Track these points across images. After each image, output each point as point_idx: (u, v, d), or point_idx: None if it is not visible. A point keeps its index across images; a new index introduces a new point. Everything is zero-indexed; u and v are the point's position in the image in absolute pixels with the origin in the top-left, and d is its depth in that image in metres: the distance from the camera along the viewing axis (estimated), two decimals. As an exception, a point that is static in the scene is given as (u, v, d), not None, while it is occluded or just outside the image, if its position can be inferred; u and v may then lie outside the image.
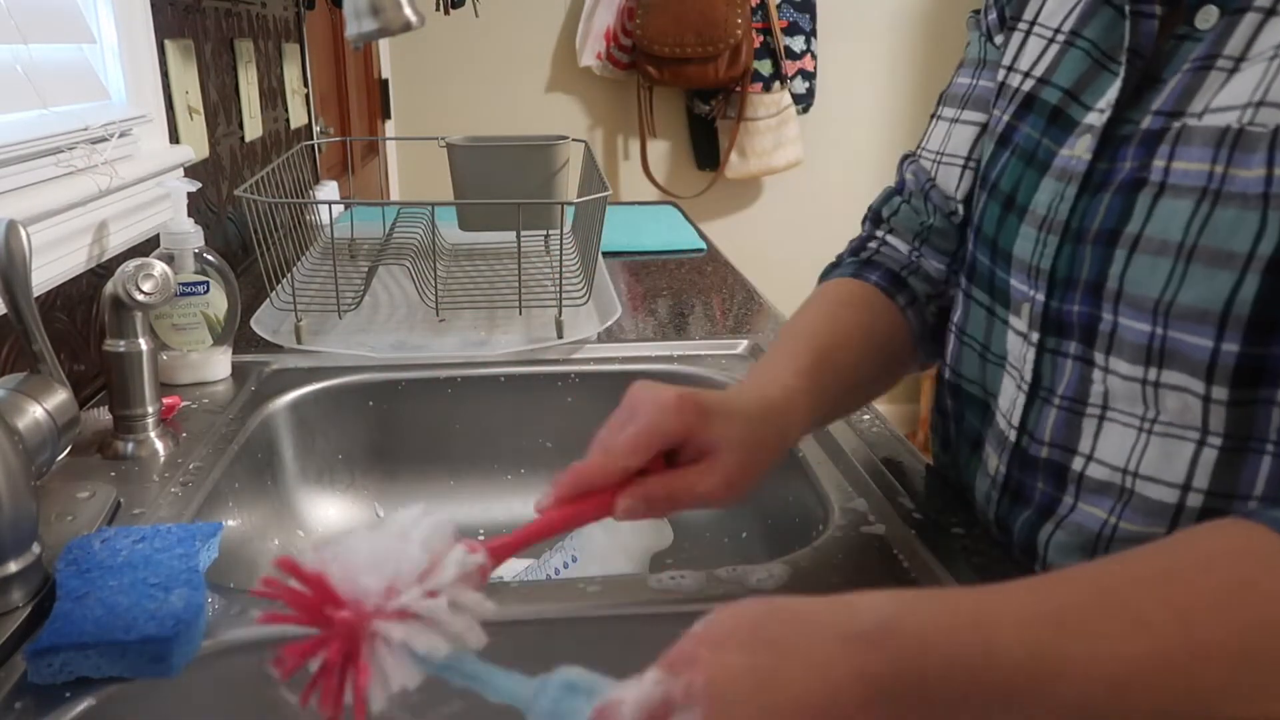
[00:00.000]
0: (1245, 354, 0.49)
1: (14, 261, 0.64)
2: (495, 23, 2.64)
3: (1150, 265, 0.52)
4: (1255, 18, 0.51)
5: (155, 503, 0.73)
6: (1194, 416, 0.52)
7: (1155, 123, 0.54)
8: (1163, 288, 0.52)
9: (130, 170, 0.98)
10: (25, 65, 0.84)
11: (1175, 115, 0.53)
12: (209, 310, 0.95)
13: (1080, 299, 0.57)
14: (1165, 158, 0.53)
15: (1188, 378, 0.51)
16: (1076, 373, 0.58)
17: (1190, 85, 0.53)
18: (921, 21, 2.88)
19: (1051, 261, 0.59)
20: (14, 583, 0.57)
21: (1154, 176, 0.53)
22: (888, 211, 0.80)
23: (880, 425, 0.89)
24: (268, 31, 1.62)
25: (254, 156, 1.51)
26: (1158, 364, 0.53)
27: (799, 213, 2.98)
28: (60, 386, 0.69)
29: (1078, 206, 0.57)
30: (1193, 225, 0.50)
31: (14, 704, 0.51)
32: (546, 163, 1.26)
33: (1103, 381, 0.56)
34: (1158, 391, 0.53)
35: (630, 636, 0.62)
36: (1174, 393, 0.52)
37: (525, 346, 1.07)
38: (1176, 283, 0.51)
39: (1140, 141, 0.54)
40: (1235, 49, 0.52)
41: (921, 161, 0.79)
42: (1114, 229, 0.55)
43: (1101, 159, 0.57)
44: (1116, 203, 0.55)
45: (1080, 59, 0.62)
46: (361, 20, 0.86)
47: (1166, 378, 0.52)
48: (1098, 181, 0.57)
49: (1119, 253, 0.54)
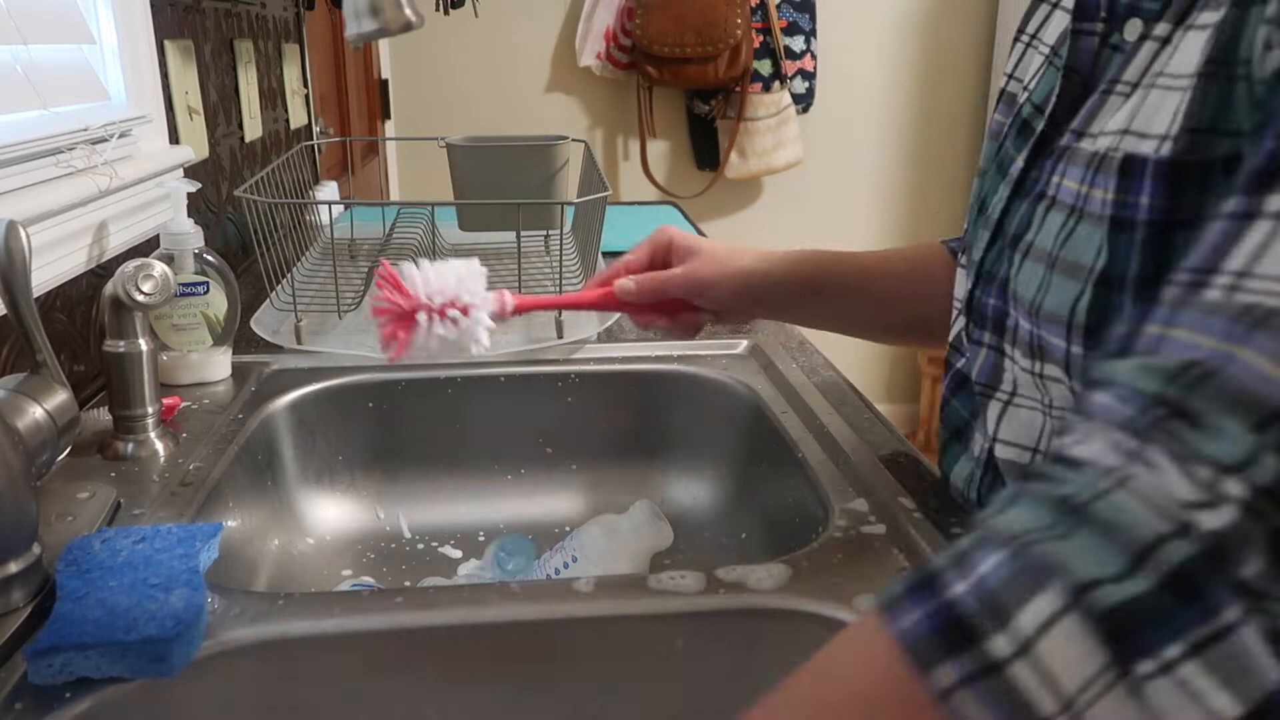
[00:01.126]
0: (1087, 355, 0.54)
1: (14, 262, 0.64)
2: (495, 23, 2.64)
3: (1032, 270, 0.58)
4: (1153, 46, 0.54)
5: (155, 503, 0.73)
6: (1071, 402, 0.57)
7: (1068, 140, 0.58)
8: (1036, 291, 0.57)
9: (130, 170, 0.98)
10: (25, 65, 0.84)
11: (1080, 135, 0.57)
12: (209, 310, 0.95)
13: (995, 294, 0.63)
14: (1060, 174, 0.58)
15: (1059, 371, 0.57)
16: (990, 361, 0.64)
17: (1096, 106, 0.57)
18: (921, 22, 2.88)
19: (981, 254, 0.65)
20: (14, 583, 0.57)
21: (1050, 190, 0.58)
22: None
23: (880, 425, 0.89)
24: (268, 32, 1.62)
25: (254, 157, 1.51)
26: (1040, 358, 0.58)
27: (799, 213, 2.98)
28: (60, 387, 0.69)
29: (1009, 209, 0.63)
30: (1059, 237, 0.56)
31: (14, 704, 0.51)
32: (546, 163, 1.26)
33: (1011, 370, 0.62)
34: (1044, 382, 0.59)
35: (630, 637, 0.62)
36: (1054, 384, 0.58)
37: (525, 346, 1.07)
38: (1044, 289, 0.57)
39: (1056, 156, 0.59)
40: (1133, 75, 0.54)
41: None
42: (1019, 234, 0.60)
43: (1032, 168, 0.62)
44: (1026, 211, 0.60)
45: (1053, 76, 0.64)
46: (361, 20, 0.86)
47: (1047, 370, 0.58)
48: (1026, 189, 0.62)
49: (1018, 256, 0.60)
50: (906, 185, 3.02)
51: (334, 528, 0.96)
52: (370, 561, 0.92)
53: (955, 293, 0.75)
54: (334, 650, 0.59)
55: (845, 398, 0.95)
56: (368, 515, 0.98)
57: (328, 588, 0.88)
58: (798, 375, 1.00)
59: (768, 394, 0.96)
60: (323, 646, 0.59)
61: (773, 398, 0.95)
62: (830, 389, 0.97)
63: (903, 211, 3.04)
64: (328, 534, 0.95)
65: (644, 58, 2.67)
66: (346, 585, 0.89)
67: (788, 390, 0.96)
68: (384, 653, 0.60)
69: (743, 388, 0.99)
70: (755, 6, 2.70)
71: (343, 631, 0.59)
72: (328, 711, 0.60)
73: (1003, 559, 0.36)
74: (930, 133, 2.96)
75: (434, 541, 0.95)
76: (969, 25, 2.88)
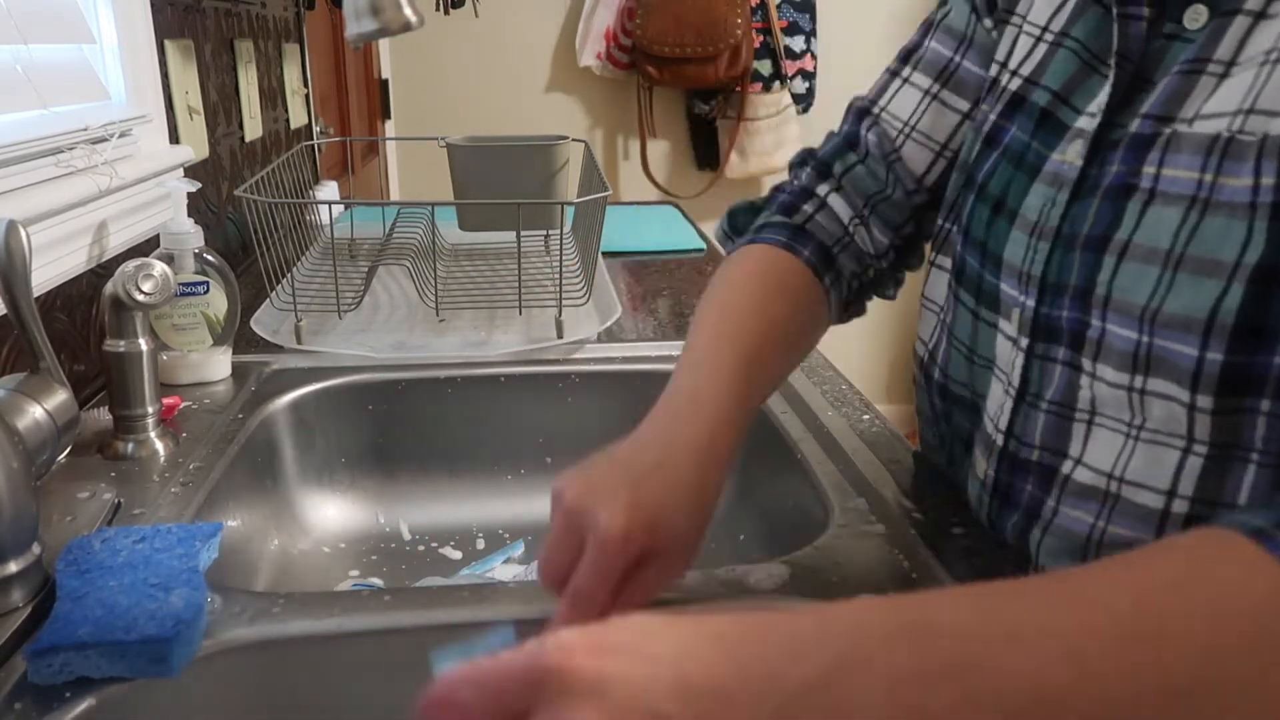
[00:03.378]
0: (1229, 363, 0.49)
1: (14, 261, 0.64)
2: (495, 23, 2.64)
3: (1138, 272, 0.52)
4: (1245, 21, 0.51)
5: (155, 503, 0.73)
6: (1179, 424, 0.52)
7: (1144, 126, 0.54)
8: (1150, 295, 0.51)
9: (130, 170, 0.98)
10: (25, 65, 0.84)
11: (1165, 120, 0.53)
12: (209, 310, 0.95)
13: (1069, 304, 0.56)
14: (1155, 164, 0.52)
15: (1173, 385, 0.51)
16: (1065, 378, 0.58)
17: (1180, 89, 0.53)
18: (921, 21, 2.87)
19: (1043, 267, 0.58)
20: (14, 583, 0.57)
21: (1144, 183, 0.53)
22: (840, 167, 0.77)
23: (880, 425, 0.89)
24: (268, 32, 1.62)
25: (254, 156, 1.51)
26: (1144, 371, 0.52)
27: (799, 213, 2.98)
28: (60, 386, 0.69)
29: (1069, 213, 0.57)
30: (1181, 233, 0.50)
31: (14, 704, 0.51)
32: (546, 163, 1.26)
33: (1090, 387, 0.56)
34: (1144, 399, 0.53)
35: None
36: (1159, 400, 0.52)
37: (525, 346, 1.07)
38: (1164, 290, 0.51)
39: (1129, 146, 0.54)
40: (1225, 53, 0.51)
41: (884, 125, 0.76)
42: (1103, 235, 0.54)
43: (1092, 164, 0.57)
44: (1106, 209, 0.54)
45: (1069, 60, 0.61)
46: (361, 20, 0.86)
47: (1152, 385, 0.52)
48: (1089, 187, 0.56)
49: (1108, 259, 0.54)
50: (906, 185, 3.01)
51: (334, 528, 0.96)
52: (370, 562, 0.92)
53: (930, 294, 0.73)
54: (334, 650, 0.59)
55: (845, 398, 0.95)
56: (368, 515, 0.98)
57: (328, 588, 0.88)
58: (797, 375, 1.00)
59: (768, 394, 0.96)
60: (323, 646, 0.59)
61: (773, 398, 0.95)
62: (830, 389, 0.97)
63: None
64: (328, 534, 0.95)
65: (644, 58, 2.67)
66: (348, 585, 0.89)
67: (788, 390, 0.96)
68: (384, 653, 0.60)
69: (743, 388, 0.99)
70: (755, 6, 2.70)
71: (343, 631, 0.59)
72: (328, 711, 0.60)
73: None
74: (930, 133, 2.96)
75: (434, 542, 0.95)
76: (969, 25, 2.87)
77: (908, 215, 0.76)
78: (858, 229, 0.76)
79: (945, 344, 0.70)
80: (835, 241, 0.76)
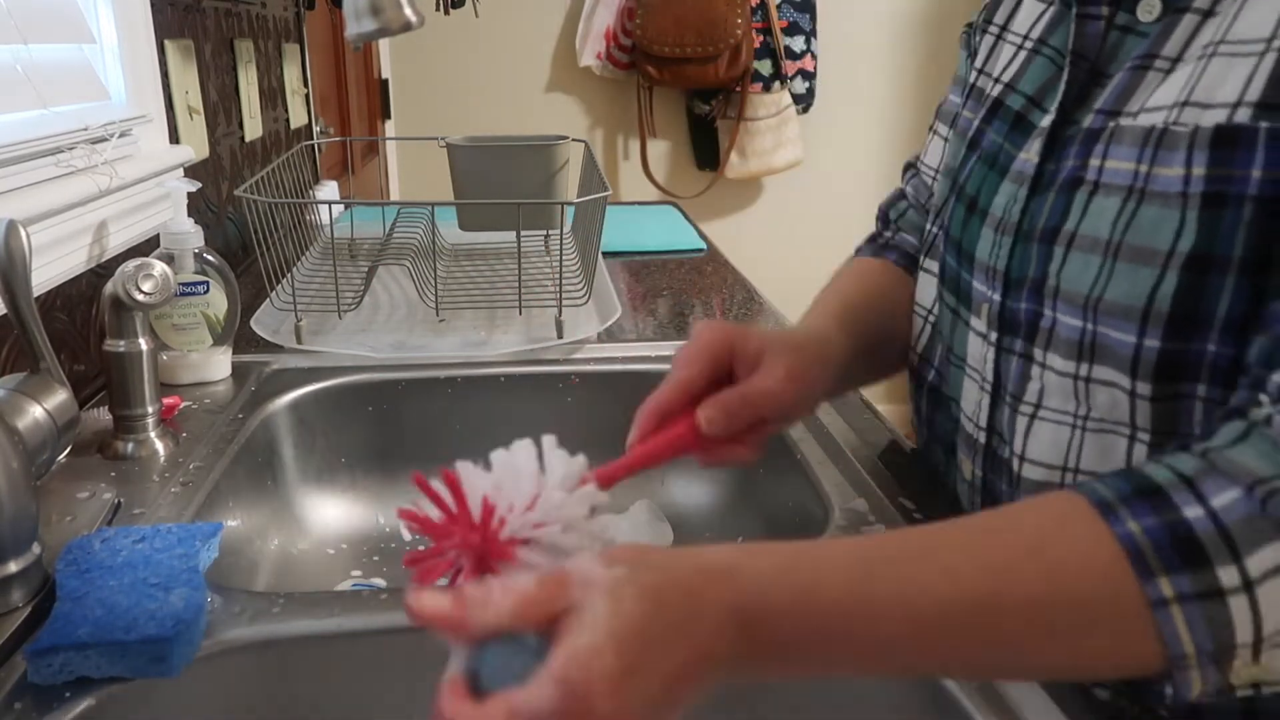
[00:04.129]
0: (1165, 350, 0.50)
1: (14, 261, 0.64)
2: (495, 23, 2.64)
3: (1083, 262, 0.54)
4: (1194, 19, 0.52)
5: (155, 503, 0.73)
6: (1123, 412, 0.53)
7: (1096, 121, 0.55)
8: (1092, 283, 0.53)
9: (130, 170, 0.98)
10: (25, 65, 0.84)
11: (1113, 114, 0.54)
12: (209, 310, 0.95)
13: (1026, 297, 0.58)
14: (1100, 156, 0.54)
15: (1115, 372, 0.52)
16: (1019, 369, 0.59)
17: (1129, 84, 0.54)
18: (921, 21, 2.88)
19: (1006, 262, 0.60)
20: (14, 583, 0.57)
21: (1089, 175, 0.54)
22: (895, 214, 0.85)
23: (880, 425, 0.89)
24: (268, 31, 1.62)
25: (254, 156, 1.51)
26: (1088, 359, 0.54)
27: (799, 213, 2.98)
28: (60, 386, 0.69)
29: (1028, 207, 0.58)
30: (1119, 223, 0.52)
31: (14, 704, 0.51)
32: (546, 163, 1.26)
33: (1040, 378, 0.57)
34: (1089, 387, 0.54)
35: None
36: (1103, 388, 0.53)
37: (525, 346, 1.07)
38: (1104, 279, 0.52)
39: (1081, 141, 0.56)
40: (1173, 49, 0.53)
41: (922, 175, 0.81)
42: (1055, 227, 0.56)
43: (1049, 160, 0.58)
44: (1059, 202, 0.56)
45: (1045, 66, 0.63)
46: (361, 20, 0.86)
47: (1096, 373, 0.53)
48: (1046, 182, 0.58)
49: (1058, 250, 0.55)
50: (906, 185, 3.02)
51: (334, 528, 0.96)
52: (370, 562, 0.92)
53: (919, 299, 0.74)
54: (334, 650, 0.59)
55: (845, 398, 0.95)
56: (368, 515, 0.98)
57: (328, 588, 0.88)
58: (798, 375, 1.00)
59: (768, 394, 0.96)
60: (323, 646, 0.59)
61: (773, 398, 0.95)
62: (830, 389, 0.97)
63: (903, 211, 3.04)
64: (328, 534, 0.95)
65: (644, 58, 2.67)
66: (349, 585, 0.89)
67: (788, 390, 0.96)
68: (384, 653, 0.60)
69: (743, 388, 0.98)
70: (755, 6, 2.70)
71: (343, 631, 0.59)
72: (327, 711, 0.60)
73: (1239, 498, 0.41)
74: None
75: (434, 541, 0.95)
76: (969, 25, 2.88)
77: None
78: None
79: (939, 347, 0.71)
80: (915, 250, 0.80)
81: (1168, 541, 0.41)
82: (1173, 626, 0.41)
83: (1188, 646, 0.41)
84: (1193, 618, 0.41)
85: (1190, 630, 0.41)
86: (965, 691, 0.54)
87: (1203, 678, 0.42)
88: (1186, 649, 0.41)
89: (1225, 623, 0.41)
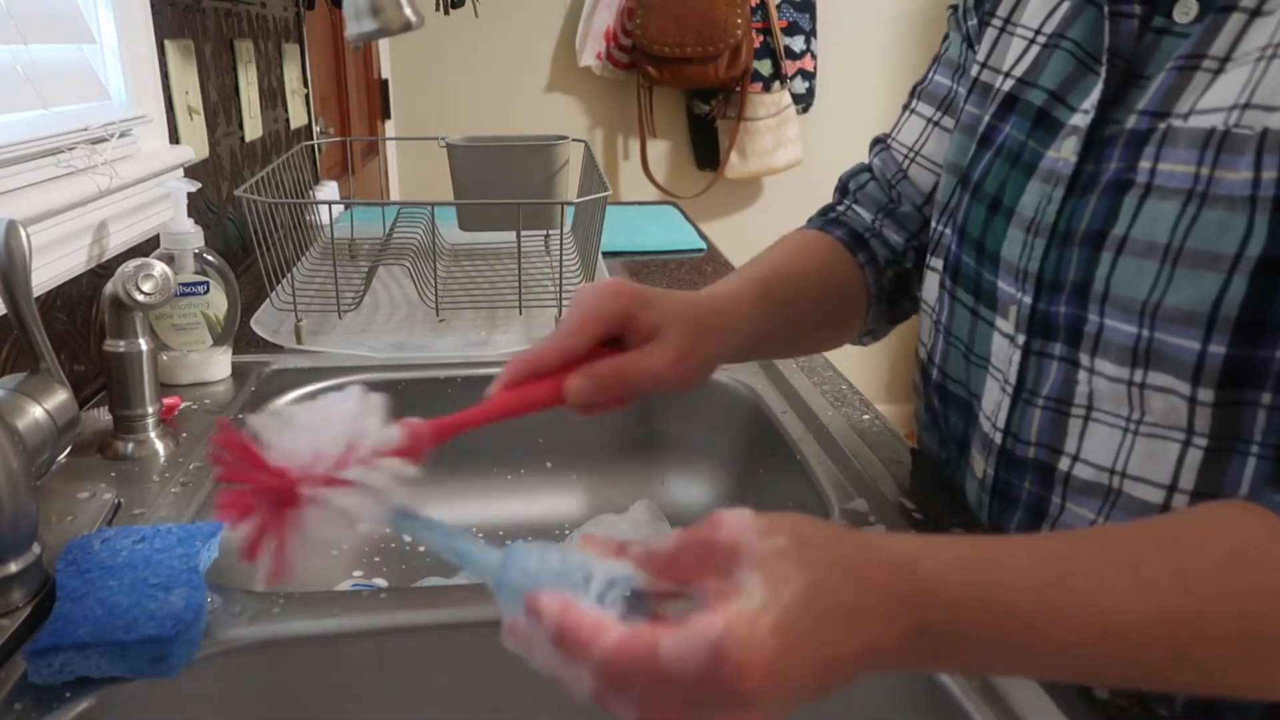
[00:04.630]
0: (1231, 356, 0.49)
1: (14, 261, 0.64)
2: (495, 23, 2.64)
3: (1137, 267, 0.52)
4: (1241, 18, 0.51)
5: (155, 503, 0.73)
6: (1179, 418, 0.52)
7: (1141, 123, 0.54)
8: (1149, 289, 0.52)
9: (130, 170, 0.98)
10: (25, 65, 0.84)
11: (1161, 115, 0.53)
12: (209, 310, 0.95)
13: (1066, 301, 0.57)
14: (1151, 159, 0.53)
15: (1173, 379, 0.51)
16: (1061, 374, 0.58)
17: (1176, 85, 0.53)
18: (921, 21, 2.88)
19: (1039, 264, 0.59)
20: (14, 583, 0.57)
21: (1140, 178, 0.53)
22: (855, 185, 0.84)
23: (880, 425, 0.89)
24: (268, 31, 1.62)
25: (254, 156, 1.51)
26: (1144, 365, 0.53)
27: (799, 213, 2.94)
28: (60, 386, 0.69)
29: (1064, 209, 0.57)
30: (1179, 227, 0.51)
31: (14, 704, 0.51)
32: (546, 163, 1.26)
33: (1088, 383, 0.56)
34: (1143, 393, 0.53)
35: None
36: (1159, 394, 0.52)
37: (525, 346, 1.06)
38: (1163, 285, 0.51)
39: (1126, 142, 0.54)
40: (1221, 49, 0.52)
41: (892, 151, 0.81)
42: (1100, 230, 0.55)
43: (1088, 160, 0.57)
44: (1103, 204, 0.55)
45: (1065, 60, 0.62)
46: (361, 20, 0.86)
47: (1152, 379, 0.52)
48: (1084, 183, 0.57)
49: (1105, 254, 0.54)
50: (906, 185, 3.01)
51: (334, 528, 0.95)
52: (371, 562, 0.92)
53: (925, 296, 0.74)
54: (334, 650, 0.59)
55: (845, 398, 0.95)
56: (368, 515, 0.98)
57: (328, 588, 0.88)
58: (798, 375, 1.00)
59: (768, 394, 0.96)
60: (323, 646, 0.59)
61: (773, 398, 0.95)
62: (830, 389, 0.97)
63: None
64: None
65: (644, 58, 2.67)
66: (349, 585, 0.89)
67: (788, 390, 0.96)
68: (384, 653, 0.60)
69: (743, 388, 0.99)
70: (755, 6, 2.70)
71: (343, 631, 0.59)
72: (327, 711, 0.60)
73: None
74: (930, 133, 2.96)
75: (434, 541, 0.95)
76: (969, 25, 2.88)
77: (920, 225, 0.80)
78: (880, 226, 0.81)
79: (943, 344, 0.71)
80: (864, 229, 0.80)
81: None
82: None
83: None
84: None
85: None
86: (965, 691, 0.54)
87: None
88: None
89: None
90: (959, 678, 0.55)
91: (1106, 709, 0.52)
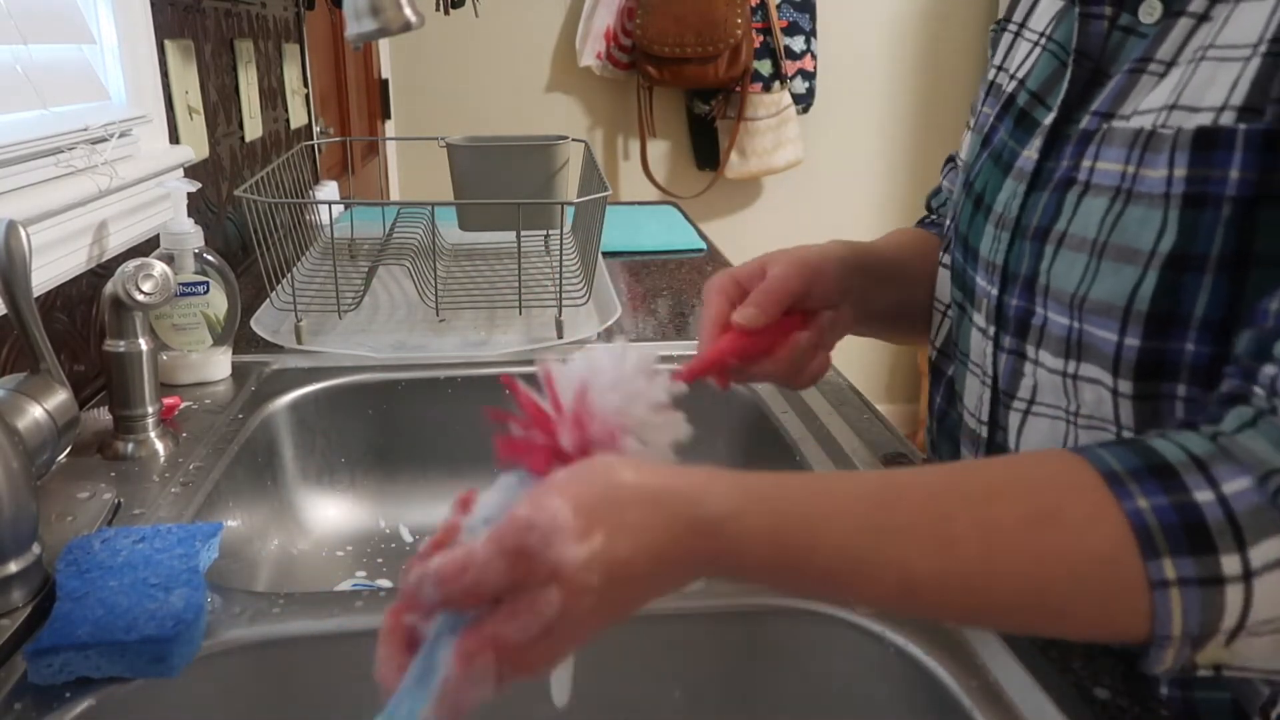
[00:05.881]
0: (1145, 348, 0.51)
1: (14, 261, 0.64)
2: (495, 23, 2.64)
3: (1070, 260, 0.55)
4: (1189, 23, 0.52)
5: (155, 503, 0.73)
6: (1107, 409, 0.53)
7: (1091, 123, 0.56)
8: (1078, 282, 0.54)
9: (130, 170, 0.98)
10: (25, 65, 0.84)
11: (1108, 116, 0.55)
12: (209, 310, 0.95)
13: (1019, 293, 0.59)
14: (1092, 158, 0.55)
15: (1099, 370, 0.53)
16: (1010, 366, 0.60)
17: (1126, 86, 0.55)
18: (921, 21, 2.88)
19: (1004, 257, 0.60)
20: (14, 583, 0.57)
21: (1081, 175, 0.55)
22: (936, 203, 0.86)
23: (880, 425, 0.89)
24: (268, 32, 1.62)
25: (254, 156, 1.51)
26: (1075, 357, 0.55)
27: (799, 213, 2.98)
28: (60, 386, 0.69)
29: (1026, 204, 0.59)
30: (1105, 222, 0.53)
31: (14, 704, 0.51)
32: (546, 163, 1.26)
33: (1033, 374, 0.58)
34: (1076, 384, 0.55)
35: (628, 635, 0.62)
36: (1089, 385, 0.54)
37: (525, 346, 1.07)
38: (1090, 278, 0.53)
39: (1077, 141, 0.56)
40: (1168, 53, 0.53)
41: (959, 169, 0.81)
42: (1047, 226, 0.57)
43: (1049, 158, 0.59)
44: (1052, 201, 0.57)
45: (1048, 61, 0.63)
46: (361, 20, 0.86)
47: (1083, 370, 0.54)
48: (1044, 180, 0.58)
49: (1048, 248, 0.56)
50: (906, 185, 3.01)
51: (334, 528, 0.96)
52: (370, 563, 0.92)
53: (937, 294, 0.75)
54: (334, 650, 0.59)
55: (845, 398, 0.95)
56: (368, 516, 0.98)
57: (328, 588, 0.88)
58: (798, 375, 1.00)
59: (768, 394, 0.96)
60: (323, 646, 0.59)
61: (773, 398, 0.95)
62: (830, 389, 0.97)
63: (903, 211, 3.03)
64: (328, 535, 0.95)
65: (644, 58, 2.67)
66: (349, 586, 0.89)
67: (788, 390, 0.96)
68: (384, 653, 0.60)
69: (743, 388, 0.99)
70: (755, 6, 2.70)
71: (343, 631, 0.59)
72: (328, 711, 0.60)
73: (1250, 486, 0.41)
74: (930, 133, 2.96)
75: (434, 541, 0.95)
76: (969, 24, 2.88)
77: None
78: None
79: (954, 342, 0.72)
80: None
81: (1176, 523, 0.41)
82: (1167, 608, 0.41)
83: (1176, 629, 0.41)
84: (1189, 602, 0.41)
85: (1184, 614, 0.41)
86: (965, 691, 0.54)
87: (1176, 656, 0.42)
88: (1174, 631, 0.41)
89: (1217, 609, 0.41)
90: (959, 678, 0.55)
91: (1106, 709, 0.52)
